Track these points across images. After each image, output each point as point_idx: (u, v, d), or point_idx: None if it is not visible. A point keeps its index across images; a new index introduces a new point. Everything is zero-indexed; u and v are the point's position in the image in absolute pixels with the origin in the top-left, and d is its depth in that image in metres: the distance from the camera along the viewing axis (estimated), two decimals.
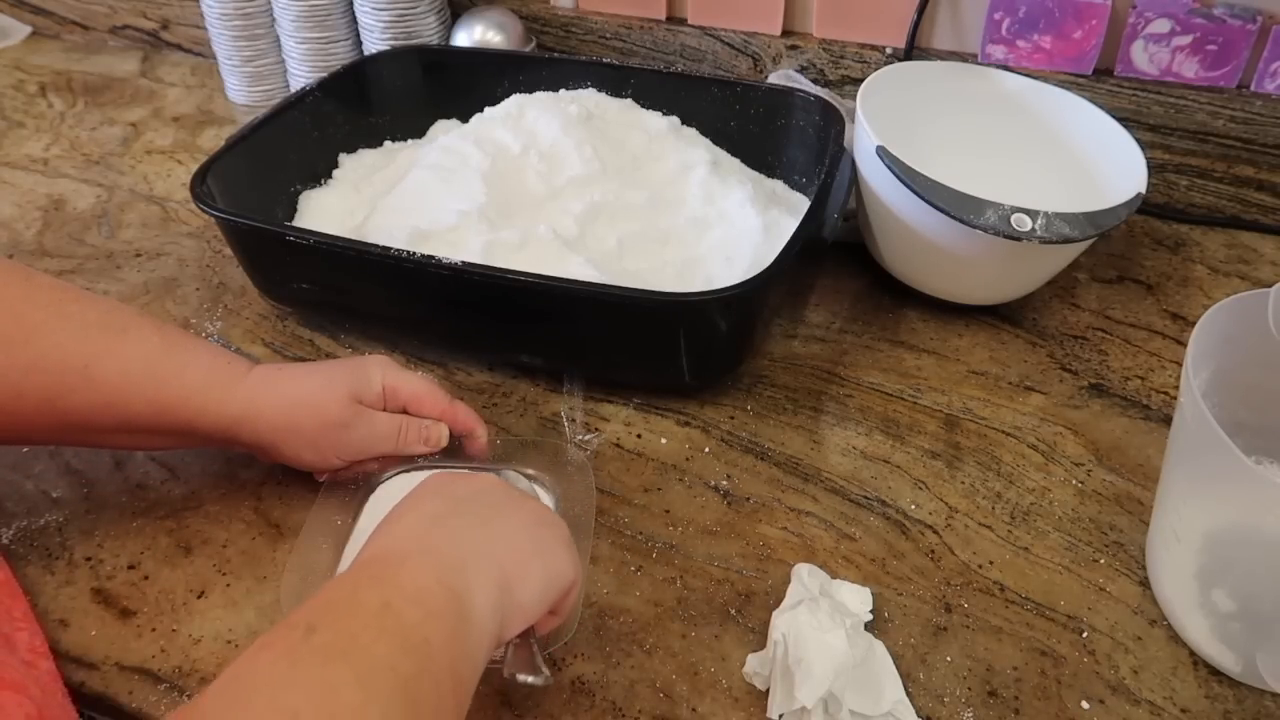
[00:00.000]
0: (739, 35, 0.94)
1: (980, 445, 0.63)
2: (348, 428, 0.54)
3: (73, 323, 0.51)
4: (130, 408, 0.51)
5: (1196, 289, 0.78)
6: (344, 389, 0.55)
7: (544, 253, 0.67)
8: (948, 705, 0.48)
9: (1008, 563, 0.56)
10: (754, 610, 0.53)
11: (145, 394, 0.51)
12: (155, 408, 0.52)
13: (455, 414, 0.58)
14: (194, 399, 0.52)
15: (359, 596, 0.38)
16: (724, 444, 0.63)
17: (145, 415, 0.52)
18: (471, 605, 0.39)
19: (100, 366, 0.51)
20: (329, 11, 0.96)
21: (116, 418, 0.52)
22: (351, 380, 0.55)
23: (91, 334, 0.52)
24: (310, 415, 0.54)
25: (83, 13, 1.17)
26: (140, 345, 0.52)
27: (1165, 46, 0.82)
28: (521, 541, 0.44)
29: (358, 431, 0.55)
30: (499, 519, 0.44)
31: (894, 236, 0.72)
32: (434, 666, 0.36)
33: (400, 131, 0.86)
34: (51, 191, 0.90)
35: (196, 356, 0.54)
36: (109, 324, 0.53)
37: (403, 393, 0.57)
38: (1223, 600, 0.49)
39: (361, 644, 0.35)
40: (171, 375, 0.52)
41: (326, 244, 0.64)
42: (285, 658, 0.34)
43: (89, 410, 0.51)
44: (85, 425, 0.52)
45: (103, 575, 0.55)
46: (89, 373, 0.51)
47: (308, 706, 0.32)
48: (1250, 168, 0.83)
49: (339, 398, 0.54)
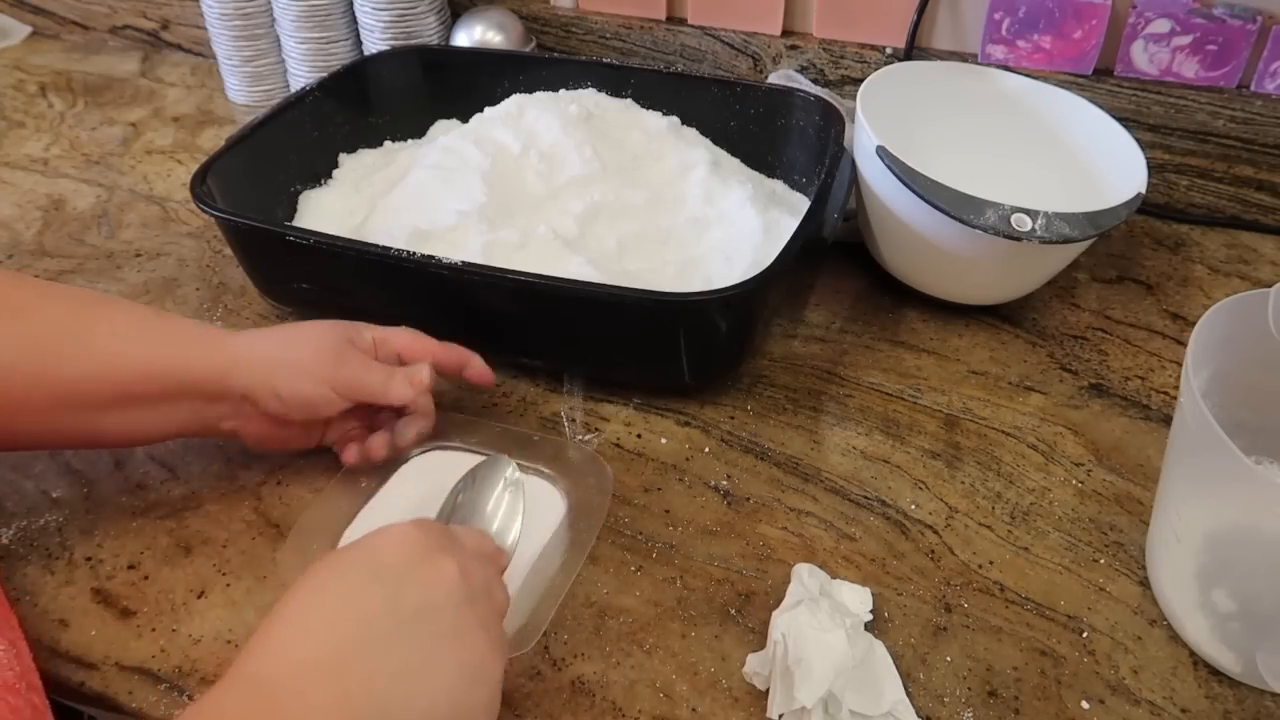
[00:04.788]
0: (739, 35, 0.94)
1: (980, 445, 0.63)
2: (342, 361, 0.56)
3: (61, 299, 0.54)
4: (123, 371, 0.52)
5: (1196, 289, 0.78)
6: (339, 329, 0.57)
7: (544, 253, 0.67)
8: (948, 705, 0.48)
9: (1008, 563, 0.56)
10: (754, 610, 0.53)
11: (138, 353, 0.52)
12: (147, 367, 0.52)
13: (446, 353, 0.60)
14: (187, 349, 0.53)
15: None
16: (724, 444, 0.63)
17: (138, 377, 0.52)
18: None
19: (92, 333, 0.52)
20: (329, 11, 0.96)
21: (110, 385, 0.52)
22: (343, 327, 0.58)
23: (81, 307, 0.53)
24: (307, 346, 0.56)
25: (83, 13, 1.17)
26: (129, 312, 0.55)
27: (1165, 46, 0.82)
28: (445, 704, 0.39)
29: (351, 366, 0.56)
30: (434, 666, 0.39)
31: (894, 236, 0.72)
32: None
33: (400, 131, 0.86)
34: (51, 191, 0.90)
35: (183, 321, 0.57)
36: (96, 299, 0.56)
37: (393, 341, 0.59)
38: (1223, 600, 0.49)
39: None
40: (163, 332, 0.54)
41: (326, 244, 0.64)
42: None
43: (82, 380, 0.51)
44: (78, 397, 0.52)
45: (103, 575, 0.55)
46: (82, 339, 0.52)
47: None
48: (1250, 168, 0.83)
49: (334, 336, 0.57)
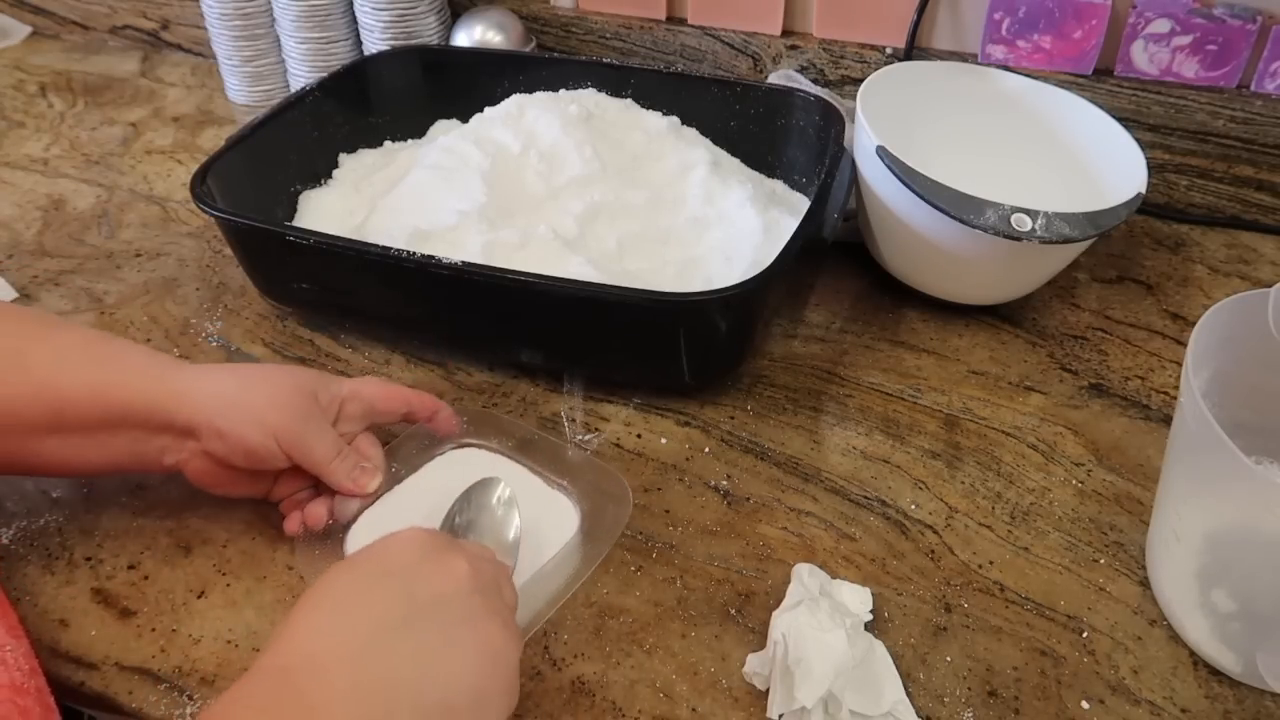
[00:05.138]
0: (739, 35, 0.94)
1: (980, 445, 0.63)
2: (297, 416, 0.52)
3: (10, 319, 0.52)
4: (64, 393, 0.49)
5: (1196, 289, 0.78)
6: (306, 380, 0.54)
7: (544, 253, 0.67)
8: (948, 705, 0.48)
9: (1008, 563, 0.56)
10: (754, 610, 0.53)
11: (81, 376, 0.50)
12: (90, 389, 0.50)
13: (420, 400, 0.57)
14: (130, 376, 0.50)
15: None
16: (724, 444, 0.63)
17: (79, 400, 0.50)
18: None
19: (34, 351, 0.50)
20: (329, 11, 0.96)
21: (50, 407, 0.49)
22: (312, 378, 0.54)
23: (24, 324, 0.51)
24: (263, 391, 0.52)
25: (83, 13, 1.17)
26: (75, 333, 0.53)
27: (1165, 46, 0.82)
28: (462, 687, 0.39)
29: (305, 424, 0.52)
30: (450, 649, 0.40)
31: (894, 236, 0.72)
32: None
33: (400, 131, 0.86)
34: (51, 191, 0.90)
35: (135, 347, 0.54)
36: (43, 321, 0.53)
37: (364, 392, 0.56)
38: (1223, 600, 0.49)
39: None
40: (108, 358, 0.51)
41: (326, 244, 0.64)
42: None
43: (21, 401, 0.49)
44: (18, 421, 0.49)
45: (103, 575, 0.55)
46: (22, 359, 0.49)
47: None
48: (1250, 168, 0.83)
49: (296, 386, 0.53)
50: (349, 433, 0.56)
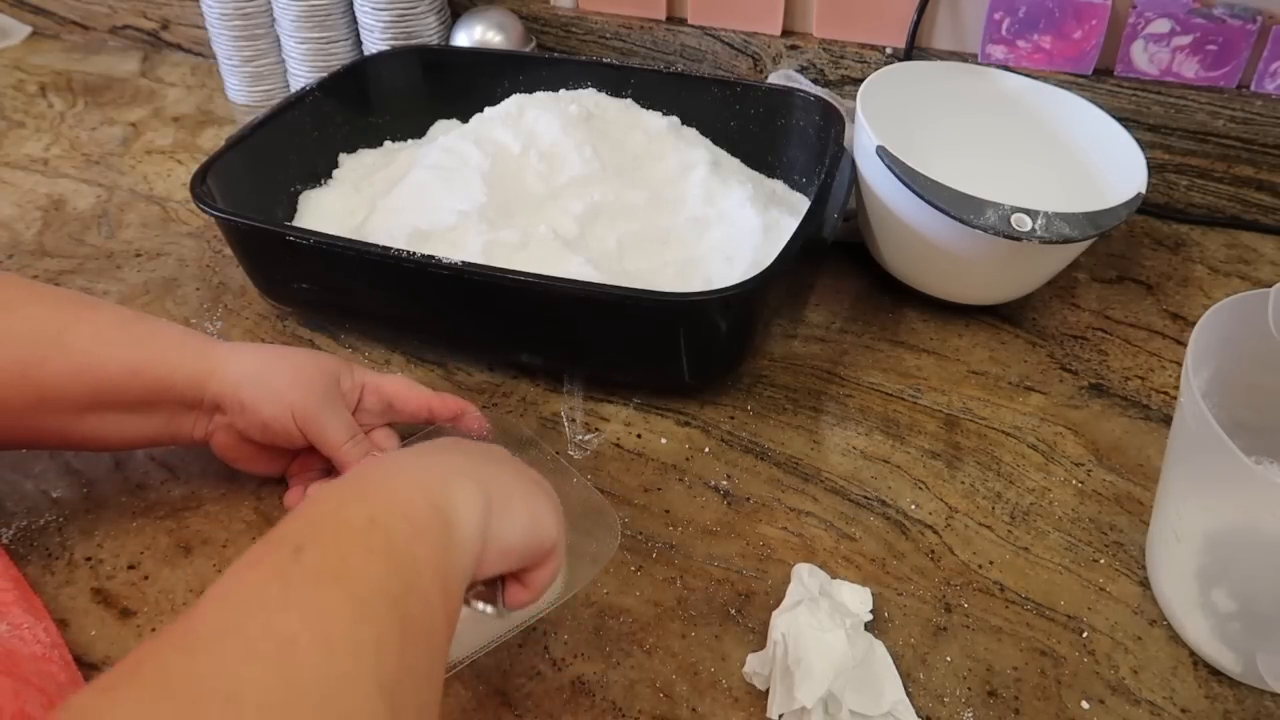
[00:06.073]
0: (739, 35, 0.94)
1: (980, 445, 0.63)
2: (316, 396, 0.54)
3: (44, 297, 0.53)
4: (104, 371, 0.51)
5: (1196, 289, 0.78)
6: (329, 365, 0.56)
7: (544, 253, 0.67)
8: (948, 705, 0.48)
9: (1008, 563, 0.56)
10: (754, 610, 0.53)
11: (119, 354, 0.51)
12: (128, 367, 0.51)
13: (441, 403, 0.58)
14: (169, 353, 0.52)
15: (345, 513, 0.37)
16: (724, 444, 0.63)
17: (118, 379, 0.51)
18: (458, 521, 0.39)
19: (74, 332, 0.51)
20: (329, 11, 0.96)
21: (90, 386, 0.51)
22: (335, 363, 0.56)
23: (64, 305, 0.53)
24: (286, 369, 0.54)
25: (83, 13, 1.17)
26: (113, 312, 0.54)
27: (1165, 46, 0.82)
28: (510, 483, 0.43)
29: (323, 405, 0.54)
30: (492, 464, 0.44)
31: (894, 236, 0.72)
32: (423, 583, 0.36)
33: (400, 131, 0.86)
34: (51, 191, 0.90)
35: (170, 325, 0.55)
36: (79, 299, 0.55)
37: (385, 388, 0.57)
38: (1223, 600, 0.49)
39: (351, 565, 0.34)
40: (146, 335, 0.53)
41: (326, 244, 0.64)
42: (276, 579, 0.34)
43: (62, 380, 0.51)
44: (56, 399, 0.51)
45: (103, 575, 0.55)
46: (63, 339, 0.51)
47: (304, 631, 0.31)
48: (1250, 168, 0.83)
49: (320, 368, 0.55)
50: (368, 424, 0.57)
